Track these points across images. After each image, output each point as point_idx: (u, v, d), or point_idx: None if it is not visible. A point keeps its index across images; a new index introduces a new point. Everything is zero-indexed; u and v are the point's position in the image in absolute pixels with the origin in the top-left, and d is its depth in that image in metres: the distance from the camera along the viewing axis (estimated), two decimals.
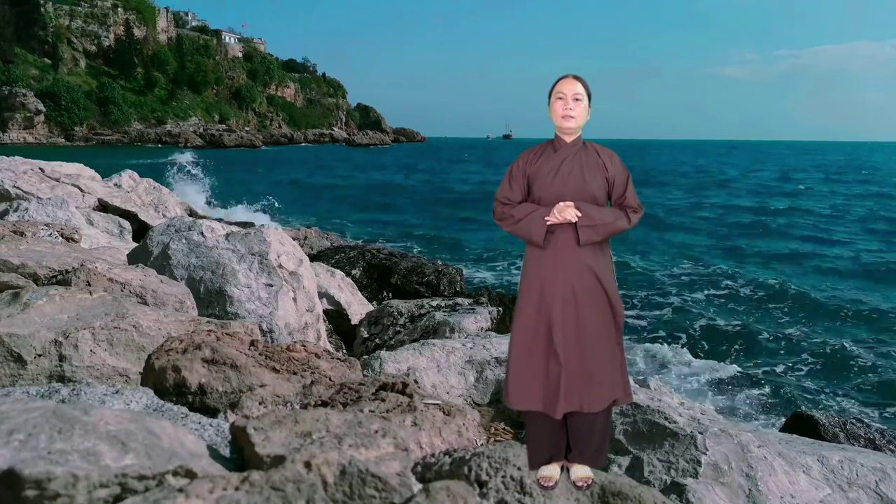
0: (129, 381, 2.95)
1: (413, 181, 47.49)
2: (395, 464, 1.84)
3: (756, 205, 33.68)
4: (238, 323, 3.60)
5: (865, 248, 21.33)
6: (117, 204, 9.98)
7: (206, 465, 1.74)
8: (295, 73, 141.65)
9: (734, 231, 24.84)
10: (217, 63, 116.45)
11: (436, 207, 30.61)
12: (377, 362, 4.30)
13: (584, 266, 2.02)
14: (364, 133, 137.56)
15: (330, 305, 7.33)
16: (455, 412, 2.62)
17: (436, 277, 9.69)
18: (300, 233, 13.48)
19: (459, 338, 5.40)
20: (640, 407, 3.52)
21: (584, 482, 2.05)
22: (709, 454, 3.17)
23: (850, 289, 15.38)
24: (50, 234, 5.74)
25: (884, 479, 3.29)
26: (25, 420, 1.60)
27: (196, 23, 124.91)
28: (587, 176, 2.05)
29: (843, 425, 5.25)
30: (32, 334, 2.91)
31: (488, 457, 2.11)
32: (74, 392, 2.35)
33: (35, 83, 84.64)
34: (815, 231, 24.99)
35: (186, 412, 2.38)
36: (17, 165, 9.74)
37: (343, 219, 25.61)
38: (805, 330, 11.98)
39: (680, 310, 13.27)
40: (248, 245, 5.45)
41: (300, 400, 2.63)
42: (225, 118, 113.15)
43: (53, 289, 3.44)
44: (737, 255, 19.68)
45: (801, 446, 3.61)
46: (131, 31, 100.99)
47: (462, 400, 4.21)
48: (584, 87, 2.06)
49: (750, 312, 13.13)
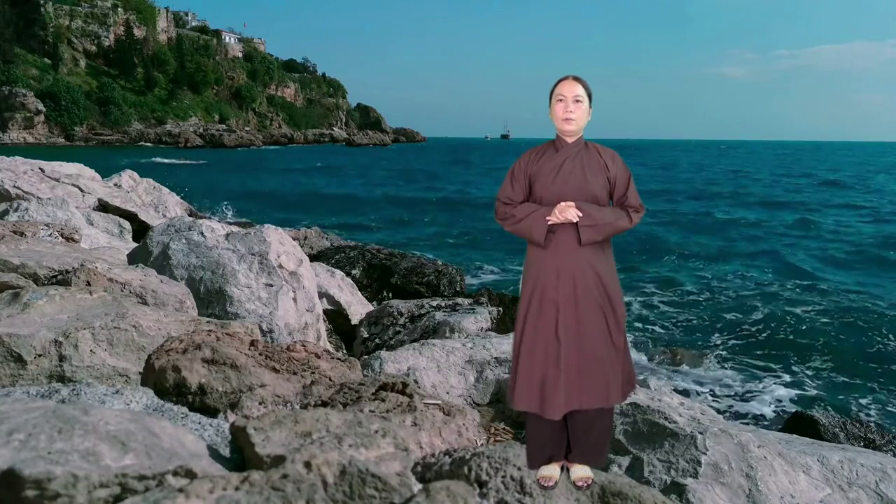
0: (129, 381, 2.95)
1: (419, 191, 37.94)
2: (395, 464, 1.84)
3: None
4: (238, 323, 3.59)
5: (868, 244, 21.34)
6: (117, 204, 9.97)
7: (206, 465, 1.74)
8: (295, 73, 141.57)
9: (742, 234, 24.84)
10: (217, 63, 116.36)
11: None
12: (377, 362, 4.30)
13: (585, 266, 2.02)
14: (364, 133, 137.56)
15: (330, 305, 7.32)
16: (455, 412, 2.62)
17: (436, 277, 9.68)
18: (300, 233, 13.47)
19: (459, 338, 5.40)
20: (640, 407, 3.53)
21: (584, 482, 2.05)
22: (709, 454, 3.17)
23: (851, 288, 15.37)
24: (50, 234, 5.74)
25: (884, 479, 3.29)
26: (25, 420, 1.59)
27: (196, 23, 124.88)
28: (588, 176, 2.06)
29: (843, 425, 5.26)
30: (32, 334, 2.91)
31: (488, 457, 2.10)
32: (74, 392, 2.35)
33: (35, 83, 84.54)
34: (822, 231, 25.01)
35: (186, 412, 2.38)
36: (17, 165, 9.73)
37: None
38: (805, 330, 11.98)
39: (680, 310, 13.28)
40: (248, 245, 5.45)
41: (300, 400, 2.63)
42: (225, 118, 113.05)
43: (53, 289, 3.44)
44: (734, 254, 19.69)
45: (801, 446, 3.60)
46: (131, 31, 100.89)
47: (462, 400, 4.21)
48: (584, 89, 2.06)
49: (750, 313, 13.13)
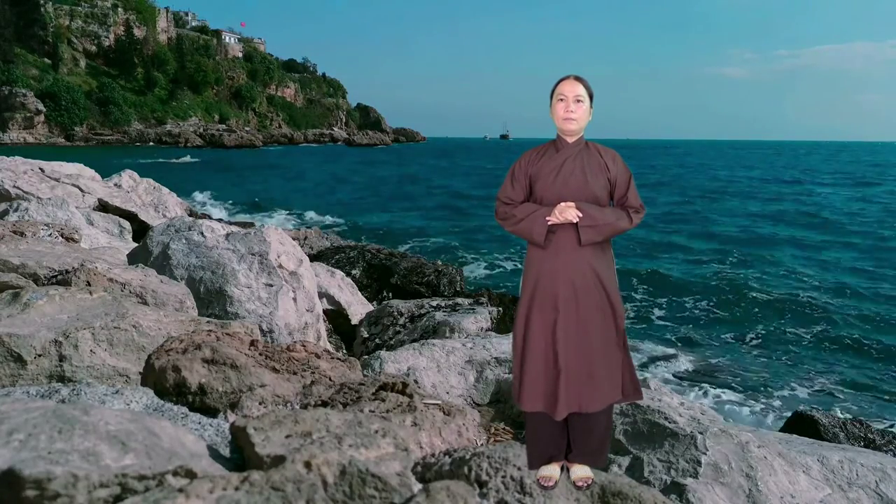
0: (129, 381, 2.94)
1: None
2: (395, 464, 1.84)
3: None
4: (238, 323, 3.59)
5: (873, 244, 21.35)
6: (117, 204, 9.98)
7: (206, 465, 1.74)
8: (295, 73, 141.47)
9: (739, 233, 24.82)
10: (217, 63, 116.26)
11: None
12: (377, 362, 4.30)
13: (585, 266, 2.02)
14: (364, 133, 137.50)
15: (330, 305, 7.32)
16: (455, 412, 2.62)
17: (436, 277, 9.69)
18: (300, 233, 13.48)
19: (459, 338, 5.40)
20: (640, 407, 3.52)
21: (584, 482, 2.05)
22: (709, 454, 3.17)
23: (850, 287, 15.37)
24: (50, 234, 5.73)
25: (884, 479, 3.29)
26: (25, 420, 1.59)
27: (196, 23, 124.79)
28: (589, 176, 2.06)
29: (843, 425, 5.25)
30: (32, 334, 2.91)
31: (488, 457, 2.10)
32: (74, 392, 2.35)
33: (35, 83, 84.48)
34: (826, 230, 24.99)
35: (186, 412, 2.38)
36: (17, 165, 9.73)
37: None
38: (805, 330, 11.98)
39: (680, 310, 13.28)
40: (248, 245, 5.45)
41: (300, 400, 2.62)
42: (225, 118, 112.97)
43: (53, 289, 3.44)
44: (731, 253, 19.69)
45: (801, 446, 3.60)
46: (131, 31, 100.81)
47: (462, 400, 4.21)
48: (585, 89, 2.06)
49: (750, 313, 13.13)
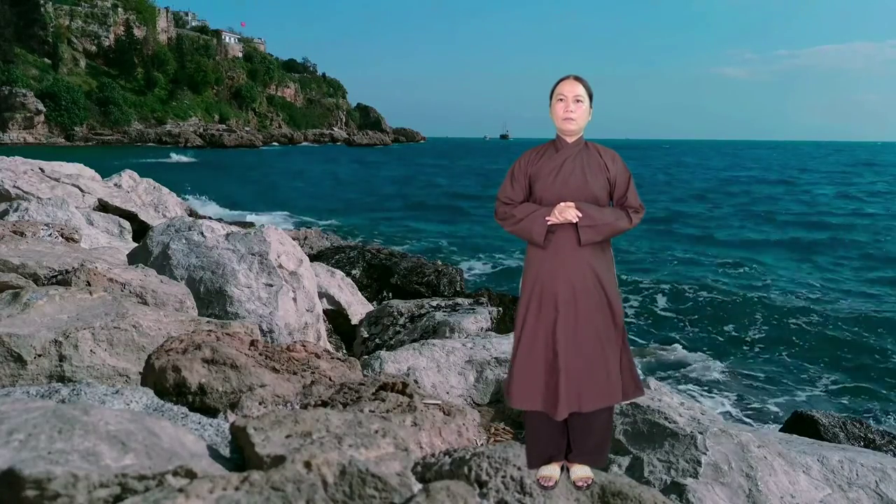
0: (129, 381, 2.94)
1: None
2: (395, 464, 1.84)
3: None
4: (238, 323, 3.59)
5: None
6: (117, 204, 9.98)
7: (206, 465, 1.74)
8: (295, 73, 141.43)
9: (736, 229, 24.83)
10: (217, 63, 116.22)
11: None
12: (377, 362, 4.30)
13: (584, 266, 2.02)
14: (364, 133, 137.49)
15: (330, 305, 7.32)
16: (455, 412, 2.62)
17: (436, 277, 9.69)
18: (300, 233, 13.49)
19: (459, 338, 5.40)
20: (640, 407, 3.52)
21: (584, 482, 2.05)
22: (709, 454, 3.17)
23: (850, 288, 15.36)
24: (50, 234, 5.73)
25: (884, 479, 3.29)
26: (25, 420, 1.59)
27: (196, 23, 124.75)
28: (588, 176, 2.06)
29: (843, 425, 5.25)
30: (32, 334, 2.91)
31: (488, 457, 2.10)
32: (74, 392, 2.35)
33: (35, 83, 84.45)
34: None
35: (186, 412, 2.38)
36: (17, 165, 9.73)
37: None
38: (805, 330, 11.97)
39: (680, 310, 13.27)
40: (248, 245, 5.45)
41: (300, 400, 2.62)
42: (225, 118, 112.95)
43: (53, 289, 3.44)
44: (731, 253, 19.68)
45: (801, 446, 3.60)
46: (131, 31, 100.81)
47: (462, 400, 4.22)
48: (585, 89, 2.06)
49: (750, 312, 13.12)
